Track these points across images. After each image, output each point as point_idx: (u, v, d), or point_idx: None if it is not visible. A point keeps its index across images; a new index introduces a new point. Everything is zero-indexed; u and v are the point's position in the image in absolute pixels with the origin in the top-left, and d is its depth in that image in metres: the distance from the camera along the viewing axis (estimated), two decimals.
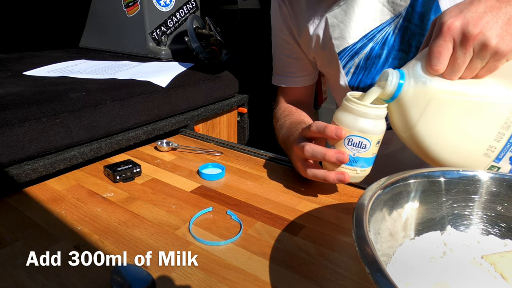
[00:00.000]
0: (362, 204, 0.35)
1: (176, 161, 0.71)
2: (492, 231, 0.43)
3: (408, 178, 0.41)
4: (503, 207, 0.42)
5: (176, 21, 1.22)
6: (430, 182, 0.42)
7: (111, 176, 0.61)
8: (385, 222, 0.39)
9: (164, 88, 0.86)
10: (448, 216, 0.44)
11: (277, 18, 0.76)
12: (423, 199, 0.42)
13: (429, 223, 0.43)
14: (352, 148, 0.50)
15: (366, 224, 0.32)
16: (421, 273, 0.37)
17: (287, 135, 0.68)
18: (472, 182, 0.43)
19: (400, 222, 0.41)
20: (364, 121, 0.49)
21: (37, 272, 0.40)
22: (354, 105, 0.49)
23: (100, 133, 0.72)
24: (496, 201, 0.43)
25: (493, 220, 0.43)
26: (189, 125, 0.92)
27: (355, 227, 0.32)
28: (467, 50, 0.42)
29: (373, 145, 0.50)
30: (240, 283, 0.39)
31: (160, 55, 1.16)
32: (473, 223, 0.44)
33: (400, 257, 0.39)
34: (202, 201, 0.56)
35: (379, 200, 0.37)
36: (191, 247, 0.45)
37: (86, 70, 0.96)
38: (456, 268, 0.38)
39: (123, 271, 0.39)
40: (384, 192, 0.38)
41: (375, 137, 0.49)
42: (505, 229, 0.42)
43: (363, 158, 0.50)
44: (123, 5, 1.19)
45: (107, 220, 0.50)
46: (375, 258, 0.28)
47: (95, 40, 1.37)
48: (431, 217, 0.43)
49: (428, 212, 0.43)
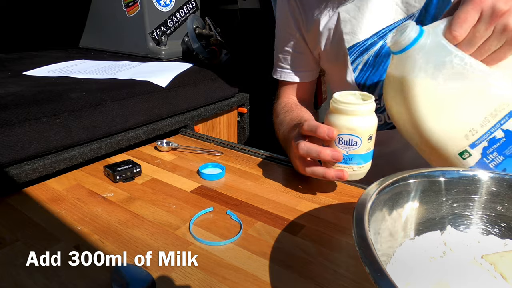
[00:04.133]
0: (362, 204, 0.35)
1: (176, 161, 0.71)
2: (492, 231, 0.43)
3: (408, 178, 0.41)
4: (503, 206, 0.42)
5: (176, 21, 1.22)
6: (430, 182, 0.42)
7: (111, 176, 0.61)
8: (385, 222, 0.39)
9: (164, 88, 0.86)
10: (448, 216, 0.44)
11: (284, 10, 0.75)
12: (423, 199, 0.42)
13: (429, 223, 0.43)
14: (344, 146, 0.51)
15: (366, 224, 0.32)
16: (421, 273, 0.37)
17: (287, 132, 0.67)
18: (472, 182, 0.43)
19: (400, 222, 0.41)
20: (351, 119, 0.50)
21: (37, 272, 0.40)
22: (339, 105, 0.50)
23: (100, 133, 0.72)
24: (496, 200, 0.43)
25: (493, 220, 0.43)
26: (189, 125, 0.92)
27: (355, 227, 0.32)
28: (489, 25, 0.42)
29: (365, 141, 0.51)
30: (240, 283, 0.39)
31: (160, 55, 1.16)
32: (473, 223, 0.44)
33: (400, 257, 0.39)
34: (202, 201, 0.56)
35: (379, 200, 0.37)
36: (191, 247, 0.45)
37: (86, 70, 0.96)
38: (456, 268, 0.38)
39: (123, 271, 0.39)
40: (384, 192, 0.38)
41: (365, 133, 0.50)
42: (505, 229, 0.42)
43: (357, 155, 0.51)
44: (123, 5, 1.19)
45: (107, 220, 0.50)
46: (375, 258, 0.28)
47: (95, 40, 1.37)
48: (431, 217, 0.43)
49: (428, 212, 0.43)
